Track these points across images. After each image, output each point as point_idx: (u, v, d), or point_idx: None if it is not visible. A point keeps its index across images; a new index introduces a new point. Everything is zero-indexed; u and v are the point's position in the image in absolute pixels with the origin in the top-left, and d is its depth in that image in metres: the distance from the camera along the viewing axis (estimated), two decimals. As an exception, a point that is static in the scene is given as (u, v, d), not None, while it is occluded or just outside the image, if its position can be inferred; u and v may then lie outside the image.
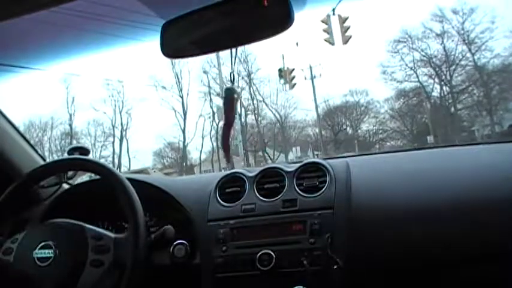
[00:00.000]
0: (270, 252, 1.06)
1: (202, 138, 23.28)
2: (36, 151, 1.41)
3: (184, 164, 22.89)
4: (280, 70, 15.91)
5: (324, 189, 1.12)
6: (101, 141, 23.68)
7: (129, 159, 23.45)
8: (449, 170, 1.14)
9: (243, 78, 22.90)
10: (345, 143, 23.57)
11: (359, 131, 24.23)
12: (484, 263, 1.02)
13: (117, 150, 23.50)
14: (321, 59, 24.69)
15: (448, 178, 1.11)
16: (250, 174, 1.21)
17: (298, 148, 22.17)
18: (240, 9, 0.78)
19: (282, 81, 15.25)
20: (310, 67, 21.57)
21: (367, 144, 23.27)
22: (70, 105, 23.24)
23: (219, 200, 1.19)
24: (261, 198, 1.15)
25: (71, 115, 23.60)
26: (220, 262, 1.11)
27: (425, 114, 21.80)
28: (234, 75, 0.88)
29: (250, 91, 23.35)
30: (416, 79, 21.37)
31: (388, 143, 23.07)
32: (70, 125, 23.53)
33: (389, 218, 1.07)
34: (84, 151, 1.19)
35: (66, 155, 1.18)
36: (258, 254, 1.07)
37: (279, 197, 1.14)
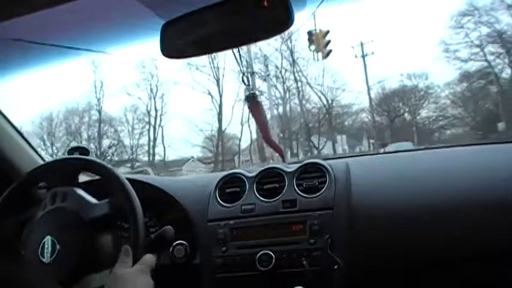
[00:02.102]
0: (270, 252, 1.06)
1: (242, 125, 20.39)
2: (36, 151, 1.41)
3: (220, 151, 20.69)
4: (310, 33, 11.38)
5: (323, 189, 1.12)
6: (138, 129, 21.78)
7: (164, 148, 21.41)
8: (449, 170, 1.14)
9: (285, 58, 20.19)
10: (401, 130, 20.95)
11: (417, 117, 21.33)
12: (484, 263, 1.02)
13: (153, 138, 21.56)
14: (374, 36, 22.31)
15: (448, 178, 1.11)
16: (250, 175, 1.21)
17: (344, 136, 19.41)
18: (240, 9, 0.78)
19: (313, 47, 11.25)
20: (361, 44, 18.72)
21: (426, 131, 20.81)
22: (99, 89, 21.32)
23: (219, 200, 1.19)
24: (261, 198, 1.15)
25: (99, 100, 21.63)
26: (220, 262, 1.11)
27: (491, 100, 18.91)
28: (247, 76, 0.88)
29: (293, 71, 20.49)
30: (483, 58, 17.89)
31: (448, 131, 20.61)
32: (99, 111, 21.56)
33: (389, 218, 1.07)
34: (84, 151, 1.19)
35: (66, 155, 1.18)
36: (258, 255, 1.07)
37: (278, 197, 1.14)
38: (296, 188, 1.14)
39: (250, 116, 1.08)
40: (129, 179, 1.08)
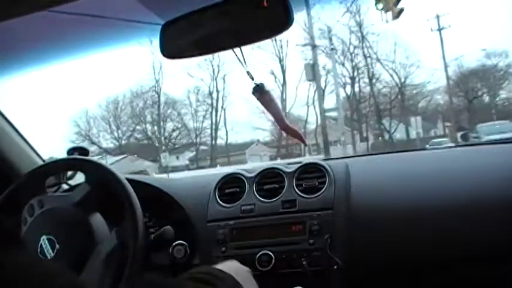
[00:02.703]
0: (270, 253, 1.07)
1: (307, 106, 18.91)
2: (35, 151, 1.41)
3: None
4: (376, -10, 9.56)
5: (323, 190, 1.12)
6: (201, 111, 20.82)
7: (226, 132, 20.28)
8: (449, 170, 1.14)
9: (353, 33, 18.46)
10: (480, 112, 19.03)
11: (497, 98, 19.54)
12: (484, 263, 1.02)
13: (215, 121, 20.49)
14: (450, 9, 20.73)
15: (447, 178, 1.11)
16: (250, 175, 1.21)
17: (419, 118, 16.84)
18: (240, 9, 0.78)
19: (381, 5, 9.54)
20: (437, 16, 17.07)
21: (506, 114, 18.17)
22: (158, 71, 20.56)
23: (219, 200, 1.19)
24: (261, 198, 1.15)
25: (157, 81, 20.62)
26: (220, 263, 1.11)
27: None
28: (251, 74, 0.87)
29: (362, 47, 18.70)
30: None
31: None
32: (158, 93, 20.63)
33: (389, 219, 1.07)
34: (84, 151, 1.19)
35: (66, 155, 1.18)
36: (258, 255, 1.07)
37: (278, 197, 1.14)
38: (296, 189, 1.14)
39: (263, 108, 1.05)
40: (128, 179, 1.08)
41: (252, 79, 0.87)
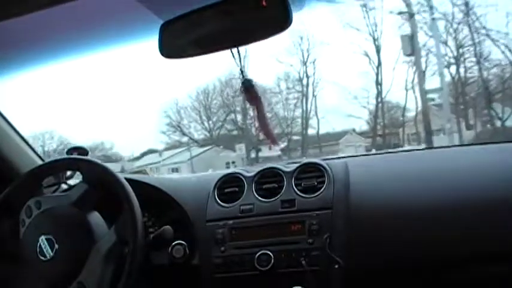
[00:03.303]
0: (269, 252, 1.07)
1: (406, 90, 16.49)
2: (35, 151, 1.41)
3: (381, 123, 16.57)
4: None
5: (322, 189, 1.12)
6: (291, 99, 18.97)
7: (318, 120, 18.35)
8: (448, 170, 1.14)
9: (456, 5, 15.65)
10: None
11: None
12: (483, 263, 1.02)
13: (305, 109, 18.49)
14: None
15: (447, 178, 1.11)
16: (249, 175, 1.21)
17: None
18: (239, 9, 0.78)
19: None
20: None
21: None
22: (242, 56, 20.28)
23: (218, 200, 1.19)
24: (260, 198, 1.15)
25: (242, 68, 20.82)
26: (219, 262, 1.11)
27: None
28: (244, 70, 0.88)
29: (468, 21, 15.32)
30: None
31: None
32: (243, 77, 20.69)
33: (388, 218, 1.08)
34: (83, 151, 1.19)
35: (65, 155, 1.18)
36: (257, 254, 1.07)
37: (277, 197, 1.14)
38: (295, 188, 1.14)
39: (248, 103, 1.07)
40: (128, 179, 1.08)
41: (243, 78, 0.87)
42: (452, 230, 1.03)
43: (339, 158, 1.33)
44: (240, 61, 0.84)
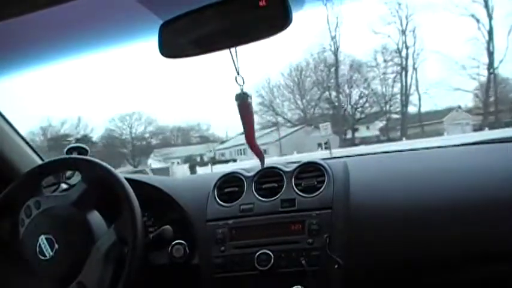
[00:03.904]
0: (269, 252, 1.07)
1: None
2: (35, 151, 1.41)
3: (492, 98, 14.19)
4: None
5: (322, 189, 1.12)
6: (389, 73, 17.26)
7: (419, 96, 16.42)
8: (448, 170, 1.14)
9: None
10: None
11: None
12: (483, 263, 1.02)
13: (405, 84, 16.78)
14: None
15: (447, 178, 1.11)
16: (249, 174, 1.21)
17: None
18: (239, 9, 0.78)
19: None
20: None
21: None
22: (334, 27, 17.56)
23: (218, 200, 1.19)
24: (260, 198, 1.15)
25: (334, 38, 17.12)
26: (219, 262, 1.11)
27: None
28: (242, 78, 0.88)
29: None
30: None
31: None
32: (335, 53, 17.37)
33: (388, 218, 1.08)
34: (83, 150, 1.19)
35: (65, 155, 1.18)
36: (257, 254, 1.07)
37: (277, 196, 1.14)
38: (295, 188, 1.14)
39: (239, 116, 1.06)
40: (127, 179, 1.08)
41: (240, 84, 0.87)
42: (452, 230, 1.03)
43: (339, 157, 1.33)
44: (236, 63, 0.84)
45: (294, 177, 1.16)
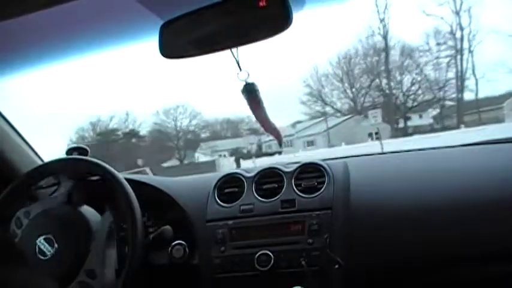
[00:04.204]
0: (269, 252, 1.07)
1: None
2: (35, 151, 1.41)
3: None
4: None
5: (322, 189, 1.12)
6: (443, 57, 16.14)
7: (476, 81, 15.16)
8: (448, 170, 1.14)
9: None
10: None
11: None
12: (483, 263, 1.02)
13: (460, 69, 15.58)
14: None
15: (447, 178, 1.11)
16: (249, 175, 1.21)
17: None
18: (239, 9, 0.78)
19: None
20: None
21: None
22: (383, 9, 16.79)
23: (218, 200, 1.19)
24: (260, 198, 1.15)
25: (382, 21, 16.25)
26: (219, 263, 1.11)
27: None
28: (247, 73, 0.87)
29: None
30: None
31: None
32: (384, 36, 16.41)
33: (388, 218, 1.08)
34: (83, 151, 1.19)
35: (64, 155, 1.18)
36: (257, 255, 1.07)
37: (277, 197, 1.14)
38: (295, 188, 1.14)
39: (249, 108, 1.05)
40: (128, 179, 1.08)
41: (244, 81, 0.87)
42: (452, 230, 1.03)
43: (339, 158, 1.34)
44: (238, 62, 0.84)
45: (294, 178, 1.16)
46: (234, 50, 0.82)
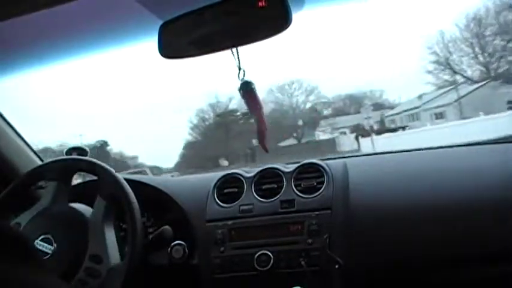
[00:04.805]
0: (268, 252, 1.07)
1: None
2: (35, 151, 1.41)
3: None
4: None
5: (321, 189, 1.12)
6: None
7: None
8: (448, 170, 1.14)
9: None
10: None
11: None
12: (484, 263, 1.02)
13: None
14: None
15: (446, 178, 1.11)
16: (248, 175, 1.21)
17: None
18: (239, 9, 0.78)
19: None
20: None
21: None
22: None
23: (217, 200, 1.19)
24: (259, 198, 1.15)
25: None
26: (218, 263, 1.11)
27: None
28: (244, 72, 0.87)
29: None
30: None
31: None
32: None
33: (388, 218, 1.08)
34: (83, 151, 1.19)
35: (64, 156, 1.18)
36: (256, 255, 1.07)
37: (277, 197, 1.14)
38: (294, 188, 1.14)
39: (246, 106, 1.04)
40: (127, 180, 1.08)
41: (241, 79, 0.87)
42: (452, 230, 1.03)
43: (338, 158, 1.34)
44: (239, 61, 0.84)
45: (293, 178, 1.16)
46: (233, 49, 0.82)
